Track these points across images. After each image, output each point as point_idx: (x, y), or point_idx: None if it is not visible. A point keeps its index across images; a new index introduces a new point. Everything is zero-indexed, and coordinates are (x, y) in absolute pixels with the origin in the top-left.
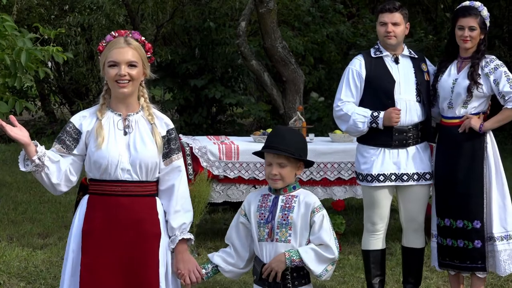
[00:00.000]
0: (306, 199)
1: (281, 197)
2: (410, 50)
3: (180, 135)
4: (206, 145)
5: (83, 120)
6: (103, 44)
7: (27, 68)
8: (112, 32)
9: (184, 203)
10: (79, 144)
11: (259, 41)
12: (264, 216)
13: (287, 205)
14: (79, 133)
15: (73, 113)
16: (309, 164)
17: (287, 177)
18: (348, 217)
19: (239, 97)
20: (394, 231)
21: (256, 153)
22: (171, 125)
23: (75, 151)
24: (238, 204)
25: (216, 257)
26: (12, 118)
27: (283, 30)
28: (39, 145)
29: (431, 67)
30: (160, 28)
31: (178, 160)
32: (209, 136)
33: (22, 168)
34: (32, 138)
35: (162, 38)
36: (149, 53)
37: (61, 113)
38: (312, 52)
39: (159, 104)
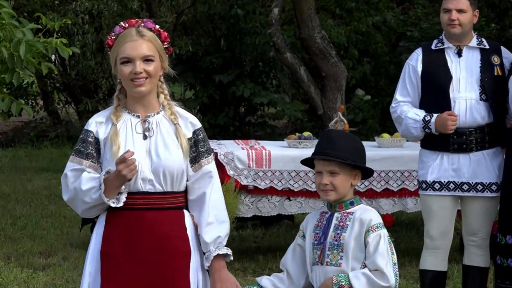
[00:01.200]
0: (362, 215)
1: (336, 214)
2: (483, 40)
3: None
4: (233, 151)
5: (99, 127)
6: (112, 37)
7: (27, 62)
8: (121, 23)
9: (218, 213)
10: (100, 151)
11: (295, 30)
12: (318, 237)
13: (341, 224)
14: (98, 142)
15: (80, 113)
16: (368, 172)
17: (340, 187)
18: (397, 235)
19: (271, 95)
20: (451, 250)
21: (304, 162)
22: (198, 125)
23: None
24: (269, 219)
25: (265, 280)
26: (129, 154)
27: (322, 18)
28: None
29: (507, 60)
30: (180, 15)
31: (208, 165)
32: (237, 140)
33: (114, 204)
34: (33, 142)
35: (182, 27)
36: (166, 43)
37: (66, 113)
38: (356, 43)
39: (179, 103)
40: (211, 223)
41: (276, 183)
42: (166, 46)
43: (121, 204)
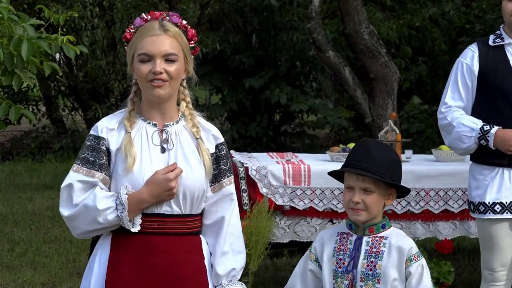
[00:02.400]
0: (400, 242)
1: (365, 238)
2: None
3: (232, 152)
4: (266, 165)
5: (109, 134)
6: (131, 30)
7: (28, 63)
8: (143, 14)
9: (234, 241)
10: (111, 165)
11: (338, 25)
12: (343, 263)
13: (374, 250)
14: (109, 152)
15: (88, 121)
16: (404, 192)
17: (372, 208)
18: (458, 263)
19: (311, 100)
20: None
21: (332, 174)
22: (221, 138)
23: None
24: (309, 245)
25: None
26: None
27: (370, 11)
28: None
29: None
30: (205, 8)
31: (230, 186)
32: (271, 153)
33: (135, 229)
34: (34, 155)
35: (207, 21)
36: (192, 42)
37: (72, 121)
38: (410, 40)
39: (204, 110)
40: (226, 252)
41: (317, 203)
42: (193, 45)
43: (138, 228)
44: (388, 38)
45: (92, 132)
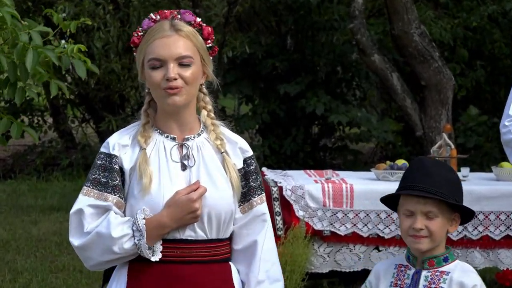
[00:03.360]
0: (462, 278)
1: (424, 272)
2: None
3: (264, 169)
4: (303, 185)
5: (122, 151)
6: (139, 33)
7: (34, 75)
8: (151, 15)
9: (270, 268)
10: (126, 185)
11: (385, 25)
12: None
13: (433, 286)
14: (123, 172)
15: (101, 134)
16: (467, 216)
17: (436, 234)
18: None
19: (354, 111)
20: None
21: (385, 199)
22: (249, 151)
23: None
24: (351, 275)
25: None
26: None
27: (421, 9)
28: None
29: None
30: (234, 5)
31: (261, 205)
32: (308, 171)
33: (155, 258)
34: (39, 173)
35: (236, 20)
36: (209, 41)
37: (83, 134)
38: (466, 42)
39: (232, 122)
40: (262, 281)
41: (361, 228)
42: (210, 45)
43: (159, 257)
44: (441, 40)
45: (102, 149)
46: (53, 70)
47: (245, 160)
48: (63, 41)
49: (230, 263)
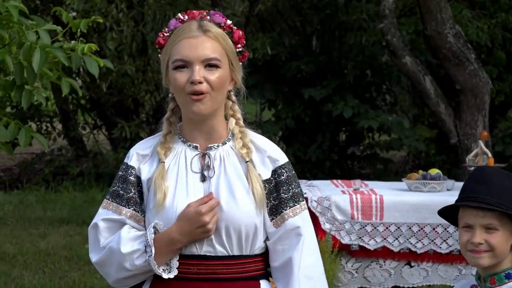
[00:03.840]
0: None
1: None
2: None
3: None
4: (329, 196)
5: (142, 161)
6: (165, 34)
7: (42, 77)
8: (179, 15)
9: (314, 286)
10: (144, 197)
11: (417, 25)
12: None
13: None
14: (141, 183)
15: (113, 141)
16: None
17: (498, 249)
18: None
19: (384, 116)
20: None
21: (443, 212)
22: (281, 160)
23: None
24: None
25: None
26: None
27: (456, 8)
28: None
29: None
30: (255, 4)
31: (295, 218)
32: (335, 181)
33: (166, 274)
34: (48, 183)
35: (258, 20)
36: (240, 45)
37: (94, 142)
38: (504, 43)
39: (253, 127)
40: None
41: (391, 242)
42: (241, 49)
43: (174, 273)
44: (477, 41)
45: (125, 160)
46: (62, 71)
47: (275, 170)
48: (73, 42)
49: (261, 281)
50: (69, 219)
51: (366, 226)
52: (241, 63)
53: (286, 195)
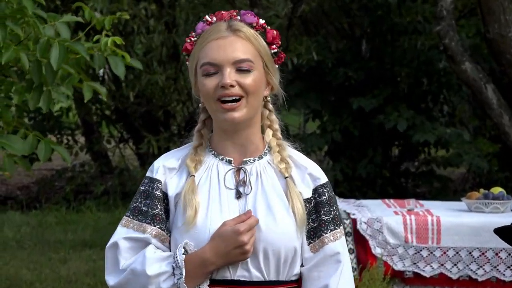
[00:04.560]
0: None
1: None
2: None
3: None
4: (381, 217)
5: (168, 175)
6: (192, 39)
7: (62, 78)
8: (207, 17)
9: None
10: (171, 215)
11: (478, 27)
12: None
13: None
14: (167, 198)
15: (141, 157)
16: None
17: None
18: None
19: (441, 129)
20: None
21: (502, 231)
22: (322, 179)
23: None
24: None
25: None
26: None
27: None
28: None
29: None
30: (299, 5)
31: (335, 242)
32: (387, 200)
33: None
34: (69, 202)
35: (301, 22)
36: (274, 46)
37: (120, 157)
38: None
39: (296, 142)
40: None
41: (449, 268)
42: (276, 50)
43: None
44: None
45: (147, 173)
46: (85, 74)
47: (316, 190)
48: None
49: None
50: (92, 243)
51: (421, 250)
52: (277, 66)
53: (327, 217)
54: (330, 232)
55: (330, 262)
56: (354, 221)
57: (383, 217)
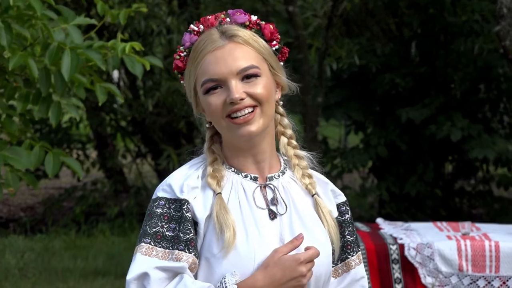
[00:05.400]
0: None
1: None
2: None
3: (379, 220)
4: (432, 242)
5: (191, 194)
6: (181, 54)
7: (72, 84)
8: (192, 26)
9: None
10: (199, 240)
11: None
12: None
13: None
14: (179, 203)
15: (161, 174)
16: None
17: None
18: None
19: (501, 144)
20: None
21: None
22: (342, 195)
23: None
24: None
25: None
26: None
27: None
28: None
29: None
30: (340, 1)
31: (359, 266)
32: (439, 223)
33: None
34: (79, 225)
35: (342, 22)
36: (275, 42)
37: (137, 174)
38: None
39: (337, 157)
40: None
41: None
42: (277, 47)
43: None
44: None
45: (162, 193)
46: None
47: (338, 207)
48: (112, 41)
49: None
50: (105, 271)
51: (478, 280)
52: (282, 63)
53: (352, 238)
54: (355, 254)
55: (355, 287)
56: (401, 247)
57: (435, 242)
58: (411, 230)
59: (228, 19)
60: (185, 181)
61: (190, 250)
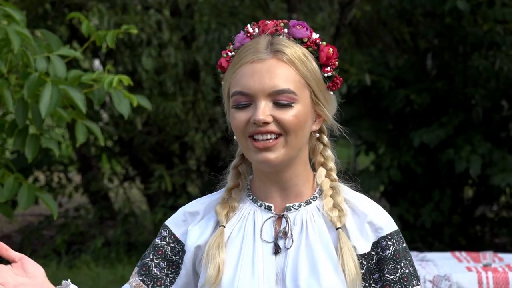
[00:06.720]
0: None
1: None
2: None
3: None
4: (450, 274)
5: (191, 221)
6: (229, 53)
7: (52, 114)
8: (248, 26)
9: None
10: (180, 272)
11: None
12: None
13: None
14: (181, 249)
15: (151, 199)
16: None
17: None
18: None
19: None
20: None
21: None
22: (387, 228)
23: None
24: None
25: None
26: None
27: None
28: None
29: None
30: (348, 9)
31: None
32: (458, 253)
33: None
34: (60, 256)
35: (351, 31)
36: (329, 68)
37: (124, 199)
38: None
39: (351, 183)
40: None
41: None
42: (330, 74)
43: None
44: None
45: (169, 221)
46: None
47: (377, 242)
48: (96, 62)
49: None
50: None
51: None
52: (332, 92)
53: (392, 277)
54: None
55: None
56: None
57: (453, 274)
58: (427, 260)
59: (286, 30)
60: (185, 208)
61: (144, 278)
